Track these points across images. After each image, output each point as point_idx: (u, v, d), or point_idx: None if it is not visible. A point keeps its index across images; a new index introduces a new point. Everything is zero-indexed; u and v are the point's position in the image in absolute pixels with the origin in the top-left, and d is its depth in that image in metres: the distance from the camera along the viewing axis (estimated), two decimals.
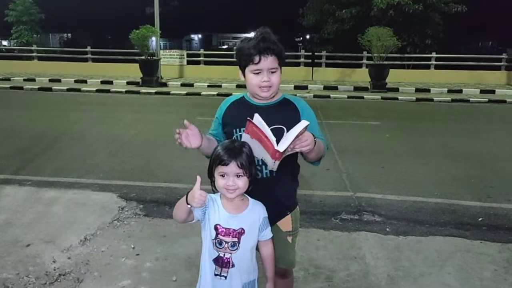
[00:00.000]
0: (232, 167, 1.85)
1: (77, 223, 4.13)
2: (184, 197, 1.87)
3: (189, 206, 1.85)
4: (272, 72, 2.05)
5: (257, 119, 1.85)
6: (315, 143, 1.90)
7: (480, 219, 4.48)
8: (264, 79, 2.04)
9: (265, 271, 2.10)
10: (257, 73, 2.04)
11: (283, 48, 2.09)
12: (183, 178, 5.54)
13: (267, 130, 1.83)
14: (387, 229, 4.17)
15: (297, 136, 1.80)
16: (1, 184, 5.19)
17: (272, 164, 1.89)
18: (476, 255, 3.65)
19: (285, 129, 2.00)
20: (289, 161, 2.11)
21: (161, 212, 4.47)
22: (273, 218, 2.11)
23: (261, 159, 1.96)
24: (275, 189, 2.12)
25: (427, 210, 4.70)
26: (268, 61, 2.02)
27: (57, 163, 6.19)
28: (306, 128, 1.83)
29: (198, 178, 1.84)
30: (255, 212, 1.98)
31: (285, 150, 1.82)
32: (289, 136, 1.81)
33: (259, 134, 1.85)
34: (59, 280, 3.16)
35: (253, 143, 1.90)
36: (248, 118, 1.88)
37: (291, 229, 2.26)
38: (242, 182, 1.88)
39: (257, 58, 2.01)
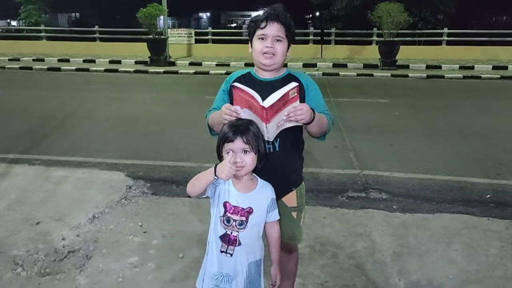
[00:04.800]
0: (238, 143, 1.85)
1: (86, 202, 4.18)
2: (211, 169, 1.87)
3: (216, 177, 1.86)
4: (278, 41, 2.05)
5: (239, 84, 1.87)
6: (313, 116, 1.90)
7: (488, 196, 4.45)
8: (268, 45, 2.03)
9: (270, 253, 2.09)
10: (262, 39, 2.05)
11: (293, 23, 2.09)
12: (191, 157, 5.55)
13: (250, 90, 1.82)
14: (394, 207, 4.17)
15: (285, 96, 1.79)
16: (11, 164, 5.26)
17: (266, 133, 1.88)
18: (483, 232, 3.64)
19: None
20: (292, 136, 2.11)
21: (168, 191, 4.50)
22: (278, 194, 2.10)
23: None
24: (279, 164, 2.10)
25: (434, 187, 4.67)
26: (274, 28, 2.02)
27: (66, 142, 6.24)
28: (295, 89, 1.82)
29: (230, 153, 1.86)
30: (263, 193, 1.98)
31: (275, 112, 1.80)
32: (275, 94, 1.80)
33: (246, 98, 1.84)
34: (68, 257, 3.21)
35: (246, 114, 1.89)
36: (232, 84, 1.87)
37: (296, 205, 2.25)
38: (250, 159, 1.88)
39: (263, 23, 2.02)
